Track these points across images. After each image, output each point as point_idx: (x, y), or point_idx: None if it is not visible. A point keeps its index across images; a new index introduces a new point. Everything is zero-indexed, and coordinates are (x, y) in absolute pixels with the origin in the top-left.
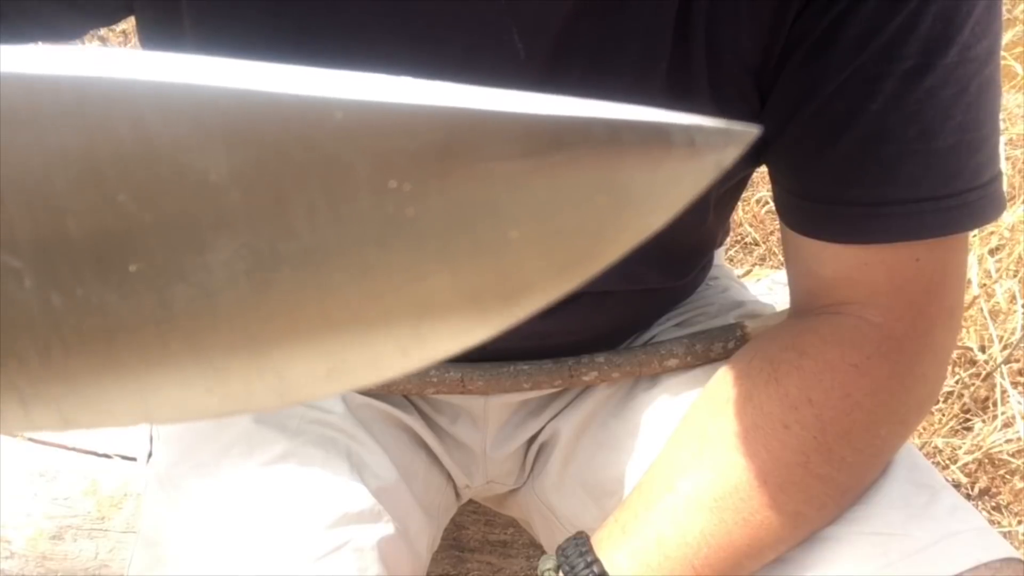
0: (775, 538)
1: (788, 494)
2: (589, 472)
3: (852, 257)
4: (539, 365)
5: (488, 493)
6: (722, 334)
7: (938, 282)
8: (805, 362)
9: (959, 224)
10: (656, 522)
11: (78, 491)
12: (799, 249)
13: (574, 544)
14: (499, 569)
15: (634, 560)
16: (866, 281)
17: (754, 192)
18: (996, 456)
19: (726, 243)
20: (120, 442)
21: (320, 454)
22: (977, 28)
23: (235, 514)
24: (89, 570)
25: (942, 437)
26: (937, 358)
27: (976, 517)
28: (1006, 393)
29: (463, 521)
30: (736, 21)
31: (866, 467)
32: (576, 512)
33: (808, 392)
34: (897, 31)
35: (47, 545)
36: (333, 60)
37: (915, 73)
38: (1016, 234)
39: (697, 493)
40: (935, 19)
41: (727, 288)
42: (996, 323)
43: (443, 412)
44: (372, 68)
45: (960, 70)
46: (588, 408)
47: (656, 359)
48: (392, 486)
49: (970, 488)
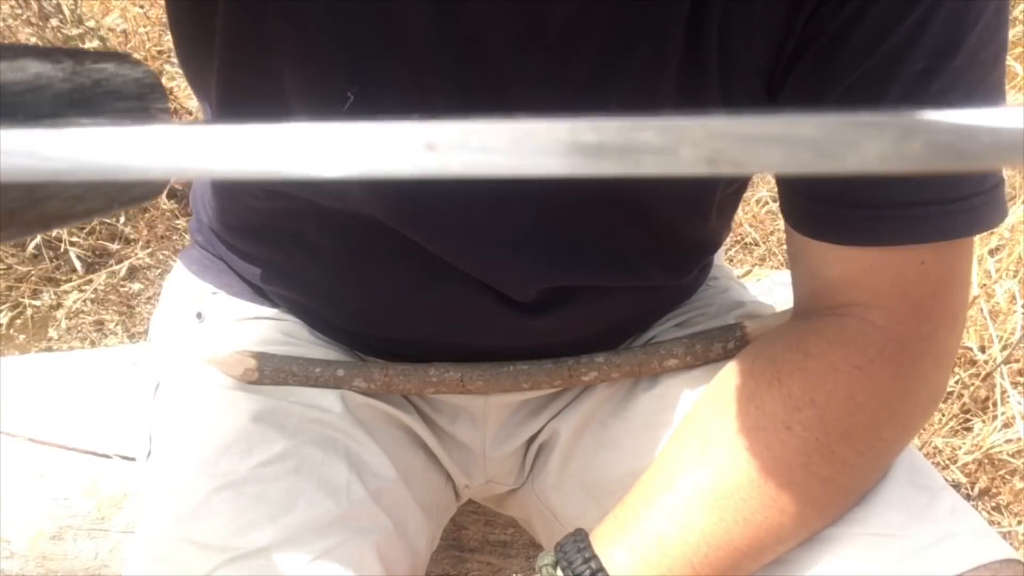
0: (775, 539)
1: (789, 495)
2: (589, 472)
3: (857, 259)
4: (539, 365)
5: (487, 493)
6: (722, 334)
7: (942, 286)
8: (809, 363)
9: (964, 228)
10: (656, 520)
11: (78, 491)
12: (804, 251)
13: (572, 541)
14: (499, 569)
15: (633, 557)
16: (871, 284)
17: (754, 192)
18: (996, 456)
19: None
20: (120, 442)
21: (319, 453)
22: (985, 33)
23: (234, 514)
24: (89, 570)
25: (942, 437)
26: (940, 361)
27: (976, 518)
28: (1006, 393)
29: (463, 521)
30: (749, 23)
31: (868, 469)
32: (576, 512)
33: (811, 393)
34: (907, 34)
35: (47, 545)
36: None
37: (924, 76)
38: (1016, 234)
39: (698, 492)
40: (944, 23)
41: (727, 288)
42: (996, 323)
43: (442, 412)
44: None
45: (968, 75)
46: (588, 408)
47: (656, 359)
48: (391, 486)
49: (970, 488)
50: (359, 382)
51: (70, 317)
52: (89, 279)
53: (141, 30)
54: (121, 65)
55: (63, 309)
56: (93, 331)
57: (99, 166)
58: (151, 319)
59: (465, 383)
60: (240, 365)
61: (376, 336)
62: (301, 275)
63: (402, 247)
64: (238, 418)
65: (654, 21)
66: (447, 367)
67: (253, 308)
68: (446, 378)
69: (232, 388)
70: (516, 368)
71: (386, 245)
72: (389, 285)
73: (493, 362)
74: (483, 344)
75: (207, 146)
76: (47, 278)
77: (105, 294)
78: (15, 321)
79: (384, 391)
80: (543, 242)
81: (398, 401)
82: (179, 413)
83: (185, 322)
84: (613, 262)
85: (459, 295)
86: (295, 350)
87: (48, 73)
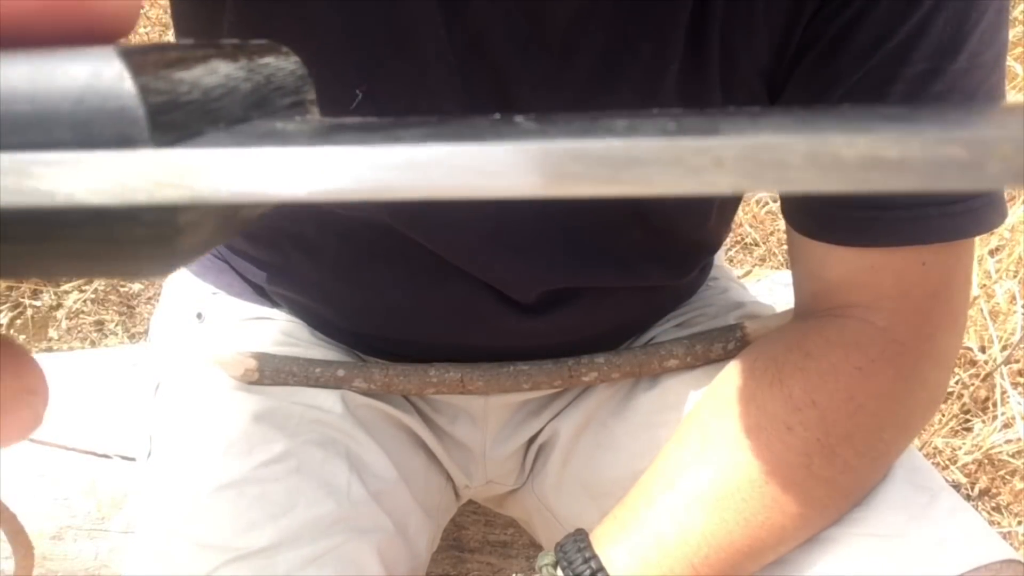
0: (776, 539)
1: (790, 495)
2: (589, 472)
3: (859, 260)
4: (539, 365)
5: (488, 493)
6: (722, 335)
7: (943, 287)
8: (810, 364)
9: (965, 229)
10: (656, 520)
11: (78, 491)
12: (805, 252)
13: (573, 540)
14: (499, 569)
15: (633, 557)
16: (872, 284)
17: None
18: (996, 457)
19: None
20: (120, 442)
21: (319, 454)
22: (986, 35)
23: (235, 514)
24: (89, 570)
25: (942, 438)
26: (941, 363)
27: (975, 519)
28: (1006, 394)
29: (463, 521)
30: (751, 24)
31: (868, 470)
32: (576, 512)
33: (812, 394)
34: (908, 36)
35: (47, 545)
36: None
37: (925, 78)
38: (1016, 235)
39: (698, 492)
40: (946, 25)
41: (727, 289)
42: (996, 324)
43: (443, 412)
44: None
45: (969, 76)
46: (588, 408)
47: (656, 359)
48: (391, 486)
49: (970, 489)
50: (359, 382)
51: (70, 317)
52: (89, 279)
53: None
54: (278, 57)
55: (63, 309)
56: (93, 331)
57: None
58: (151, 319)
59: (465, 383)
60: (240, 365)
61: (376, 336)
62: (301, 275)
63: (403, 248)
64: (238, 418)
65: (655, 22)
66: (447, 367)
67: (253, 308)
68: (446, 378)
69: (232, 388)
70: (516, 368)
71: (387, 245)
72: (390, 285)
73: (493, 362)
74: (483, 344)
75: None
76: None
77: (105, 294)
78: (15, 321)
79: (384, 391)
80: (545, 243)
81: (398, 401)
82: (179, 413)
83: (185, 322)
84: (614, 262)
85: (460, 295)
86: (295, 350)
87: (232, 73)
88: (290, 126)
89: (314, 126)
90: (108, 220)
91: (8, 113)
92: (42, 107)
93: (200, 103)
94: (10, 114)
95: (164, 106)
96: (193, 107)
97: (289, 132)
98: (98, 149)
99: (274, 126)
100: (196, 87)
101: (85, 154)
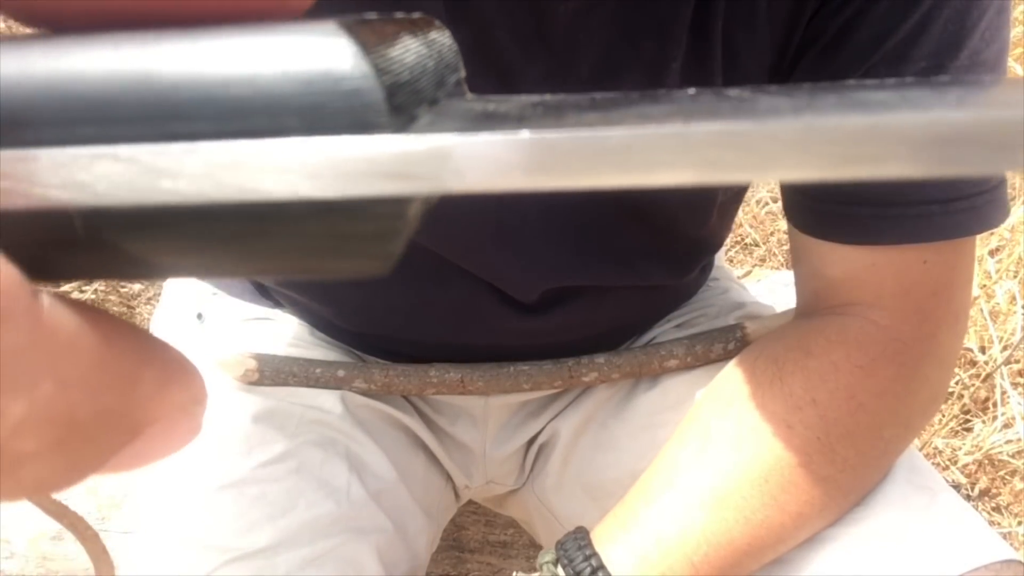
0: (776, 538)
1: (790, 494)
2: (589, 473)
3: (860, 258)
4: (539, 366)
5: (488, 493)
6: (722, 335)
7: (945, 285)
8: (810, 362)
9: (967, 227)
10: (656, 519)
11: (78, 491)
12: (807, 250)
13: (573, 538)
14: (499, 570)
15: (633, 556)
16: (873, 283)
17: (754, 193)
18: (996, 457)
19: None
20: None
21: (319, 454)
22: (987, 33)
23: (235, 514)
24: (89, 570)
25: (942, 438)
26: (942, 361)
27: (976, 519)
28: (1006, 394)
29: (463, 522)
30: (753, 21)
31: (869, 469)
32: (575, 512)
33: (812, 392)
34: (909, 33)
35: (47, 545)
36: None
37: (926, 75)
38: (1016, 235)
39: (698, 491)
40: (947, 22)
41: (727, 289)
42: (996, 324)
43: (443, 413)
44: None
45: (970, 74)
46: (588, 409)
47: (656, 360)
48: (391, 486)
49: (970, 489)
50: (359, 383)
51: None
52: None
53: None
54: (440, 32)
55: None
56: None
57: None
58: (151, 319)
59: (465, 384)
60: (240, 366)
61: (376, 336)
62: None
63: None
64: (238, 419)
65: (658, 19)
66: (447, 368)
67: (253, 309)
68: (446, 379)
69: (232, 389)
70: (516, 369)
71: None
72: (390, 285)
73: (493, 363)
74: (484, 344)
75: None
76: None
77: (105, 294)
78: None
79: (384, 392)
80: (546, 241)
81: (398, 402)
82: None
83: (185, 322)
84: (615, 262)
85: (461, 295)
86: (295, 351)
87: (421, 50)
88: (490, 106)
89: (516, 106)
90: (334, 214)
91: (227, 98)
92: (264, 90)
93: (409, 83)
94: (229, 99)
95: (393, 88)
96: (407, 88)
97: (500, 114)
98: (332, 135)
99: (474, 108)
100: (403, 66)
101: (320, 140)
